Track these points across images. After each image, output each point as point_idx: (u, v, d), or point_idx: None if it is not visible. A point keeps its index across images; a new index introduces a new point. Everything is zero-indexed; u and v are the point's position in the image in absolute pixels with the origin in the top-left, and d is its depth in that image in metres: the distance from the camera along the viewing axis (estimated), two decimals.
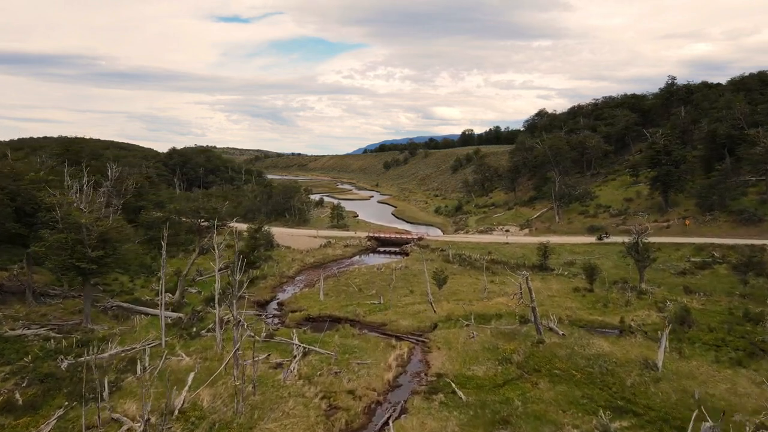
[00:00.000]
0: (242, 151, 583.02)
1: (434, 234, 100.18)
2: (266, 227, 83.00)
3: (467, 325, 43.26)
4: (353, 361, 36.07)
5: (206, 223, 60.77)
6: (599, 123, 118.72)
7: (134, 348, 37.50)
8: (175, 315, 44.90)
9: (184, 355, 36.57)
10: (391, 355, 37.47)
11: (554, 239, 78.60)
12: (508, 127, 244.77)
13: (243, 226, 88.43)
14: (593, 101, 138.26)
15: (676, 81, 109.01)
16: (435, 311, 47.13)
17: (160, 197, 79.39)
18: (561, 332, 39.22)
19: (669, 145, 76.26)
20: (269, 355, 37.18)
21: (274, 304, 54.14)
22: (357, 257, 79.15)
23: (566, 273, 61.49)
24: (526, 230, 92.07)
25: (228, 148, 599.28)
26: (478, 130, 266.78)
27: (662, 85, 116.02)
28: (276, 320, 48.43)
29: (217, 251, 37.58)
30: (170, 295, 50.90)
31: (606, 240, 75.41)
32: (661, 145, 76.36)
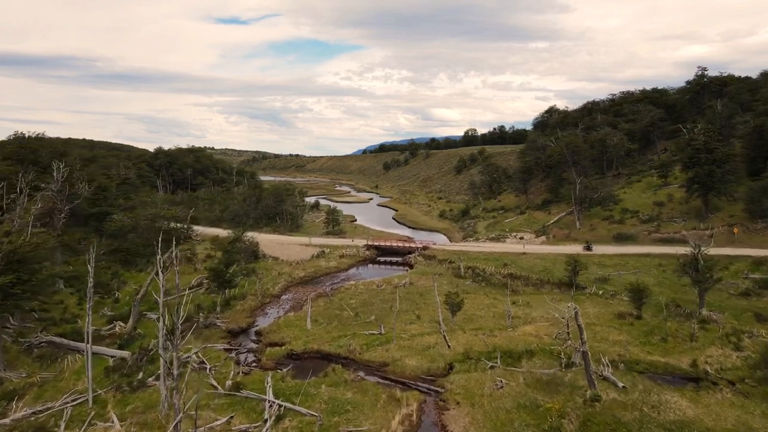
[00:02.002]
0: (240, 153, 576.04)
1: (440, 241, 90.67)
2: (250, 235, 73.53)
3: (492, 368, 33.84)
4: (344, 428, 26.60)
5: (178, 229, 51.05)
6: (619, 119, 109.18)
7: (51, 408, 28.01)
8: (118, 354, 35.26)
9: (116, 418, 27.02)
10: (396, 416, 27.98)
11: (577, 249, 69.14)
12: (513, 127, 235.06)
13: (229, 233, 78.94)
14: (610, 96, 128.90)
15: (707, 72, 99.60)
16: (449, 346, 37.61)
17: (131, 201, 69.76)
18: (620, 384, 29.66)
19: (710, 141, 66.72)
20: (232, 417, 27.62)
21: (252, 333, 44.50)
22: (354, 269, 69.58)
23: (601, 292, 52.00)
24: (543, 238, 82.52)
25: (227, 149, 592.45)
26: (479, 131, 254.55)
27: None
28: (251, 356, 38.86)
29: (161, 276, 27.86)
30: (121, 324, 41.35)
31: (592, 251, 66.62)
32: (701, 142, 66.81)
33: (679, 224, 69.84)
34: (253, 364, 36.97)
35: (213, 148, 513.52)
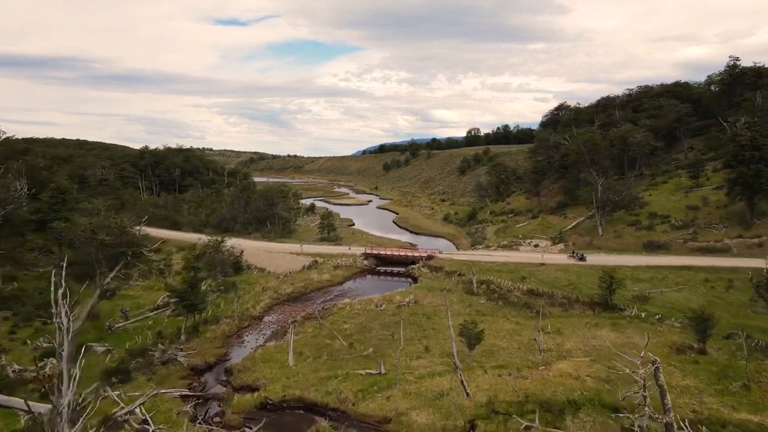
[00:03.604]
0: (239, 154, 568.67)
1: (446, 247, 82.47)
2: (233, 242, 65.24)
3: (527, 429, 25.56)
4: None
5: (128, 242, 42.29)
6: (639, 115, 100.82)
7: None
8: (34, 408, 26.83)
9: None
10: None
11: (603, 259, 60.84)
12: (517, 126, 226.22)
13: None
14: (627, 91, 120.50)
15: (739, 63, 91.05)
16: (468, 394, 29.26)
17: (96, 206, 61.28)
18: None
19: (757, 137, 58.45)
20: None
21: (221, 370, 36.18)
22: (350, 283, 61.26)
23: (644, 314, 43.64)
24: (561, 245, 74.19)
25: (225, 150, 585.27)
26: (481, 131, 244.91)
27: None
28: (215, 406, 30.55)
29: (64, 318, 19.40)
30: (54, 361, 32.96)
31: (586, 261, 59.62)
32: (747, 138, 58.51)
33: (719, 231, 61.53)
34: (216, 419, 28.66)
35: (212, 149, 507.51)
